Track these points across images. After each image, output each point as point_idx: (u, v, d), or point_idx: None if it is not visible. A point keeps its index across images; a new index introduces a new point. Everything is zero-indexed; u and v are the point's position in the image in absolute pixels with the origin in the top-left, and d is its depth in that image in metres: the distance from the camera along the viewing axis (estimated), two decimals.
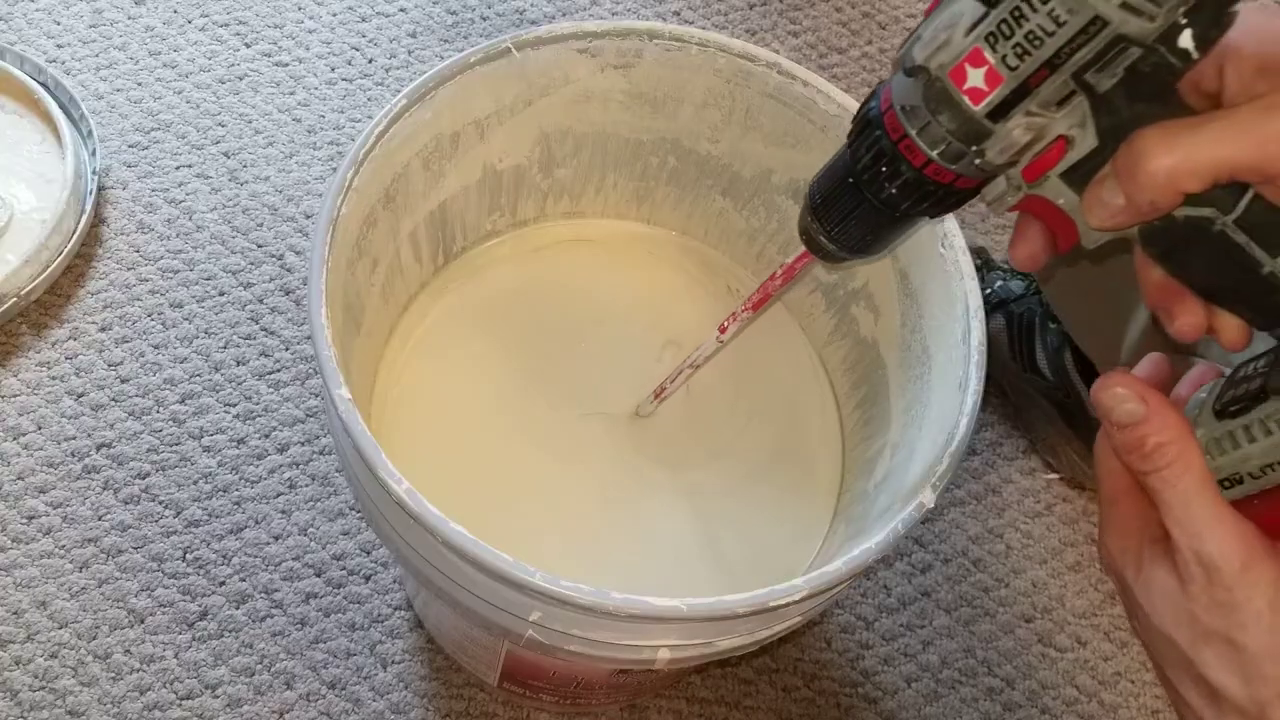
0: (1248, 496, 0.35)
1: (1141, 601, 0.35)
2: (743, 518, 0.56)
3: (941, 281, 0.51)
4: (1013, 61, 0.31)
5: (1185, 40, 0.30)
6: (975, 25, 0.32)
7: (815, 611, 0.48)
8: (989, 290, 0.82)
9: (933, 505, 0.44)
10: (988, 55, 0.32)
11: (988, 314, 0.78)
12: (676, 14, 1.00)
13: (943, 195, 0.36)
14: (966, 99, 0.33)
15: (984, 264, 0.84)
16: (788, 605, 0.42)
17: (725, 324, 0.51)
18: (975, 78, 0.32)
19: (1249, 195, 0.31)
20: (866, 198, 0.38)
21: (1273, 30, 0.31)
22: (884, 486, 0.52)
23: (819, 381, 0.61)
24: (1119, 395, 0.34)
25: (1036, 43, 0.31)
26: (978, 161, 0.34)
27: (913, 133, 0.35)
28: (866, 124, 0.37)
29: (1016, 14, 0.31)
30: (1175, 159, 0.30)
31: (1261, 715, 0.32)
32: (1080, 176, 0.33)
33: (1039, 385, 0.78)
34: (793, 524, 0.56)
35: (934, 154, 0.35)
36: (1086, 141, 0.33)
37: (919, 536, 0.77)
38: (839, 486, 0.58)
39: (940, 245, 0.51)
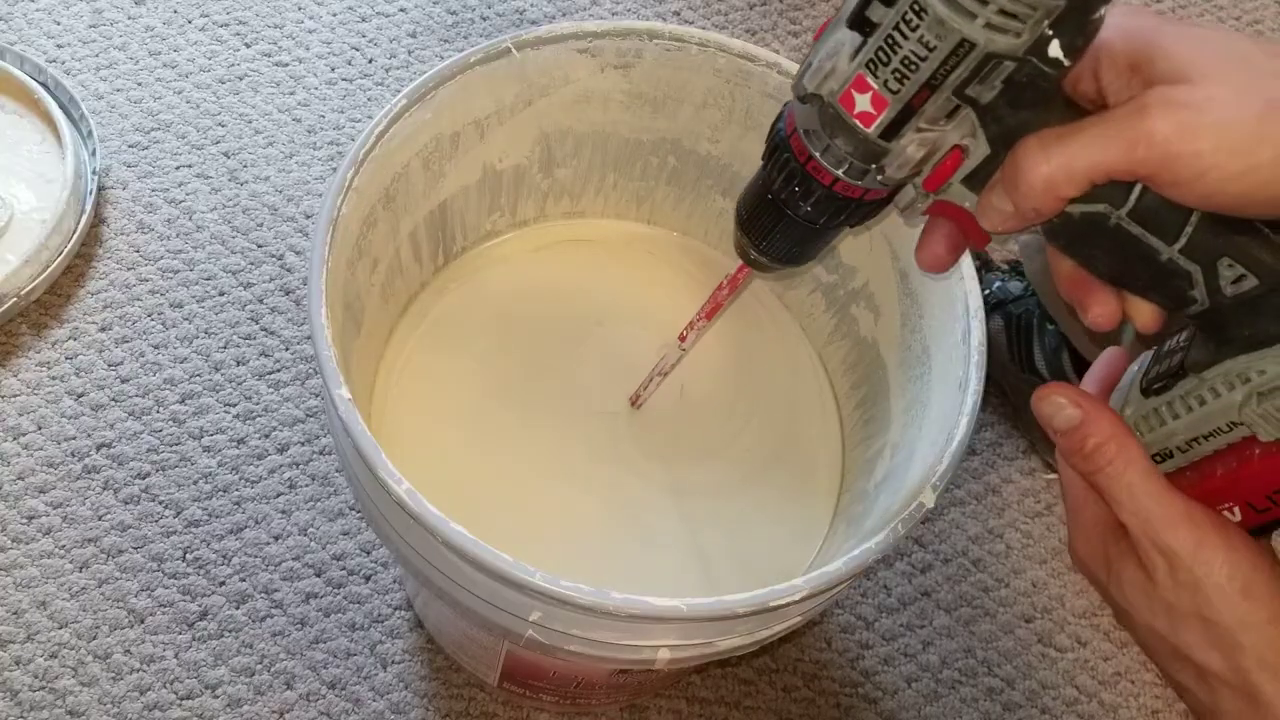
0: (1179, 469, 0.36)
1: (1118, 600, 0.36)
2: (743, 517, 0.56)
3: (941, 281, 0.51)
4: (894, 85, 0.32)
5: (1055, 50, 0.31)
6: (856, 53, 0.33)
7: (815, 611, 0.48)
8: (988, 291, 0.82)
9: (933, 505, 0.44)
10: (871, 81, 0.33)
11: (986, 314, 0.78)
12: (676, 14, 1.00)
13: (855, 208, 0.38)
14: (858, 123, 0.34)
15: (983, 264, 0.84)
16: (788, 605, 0.42)
17: (684, 333, 0.52)
18: (863, 102, 0.33)
19: (1138, 188, 0.32)
20: (787, 214, 0.39)
21: (1141, 28, 0.32)
22: (884, 486, 0.52)
23: (819, 381, 0.61)
24: (1057, 403, 0.36)
25: (913, 67, 0.32)
26: (880, 178, 0.36)
27: (817, 154, 0.36)
28: (775, 146, 0.38)
29: (890, 41, 0.32)
30: (1051, 167, 0.31)
31: (1246, 684, 0.33)
32: (980, 181, 0.35)
33: (1038, 385, 0.78)
34: (793, 524, 0.56)
35: (839, 173, 0.36)
36: (980, 149, 0.34)
37: (919, 536, 0.77)
38: (839, 486, 0.58)
39: None
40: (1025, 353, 0.79)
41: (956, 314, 0.50)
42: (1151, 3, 1.08)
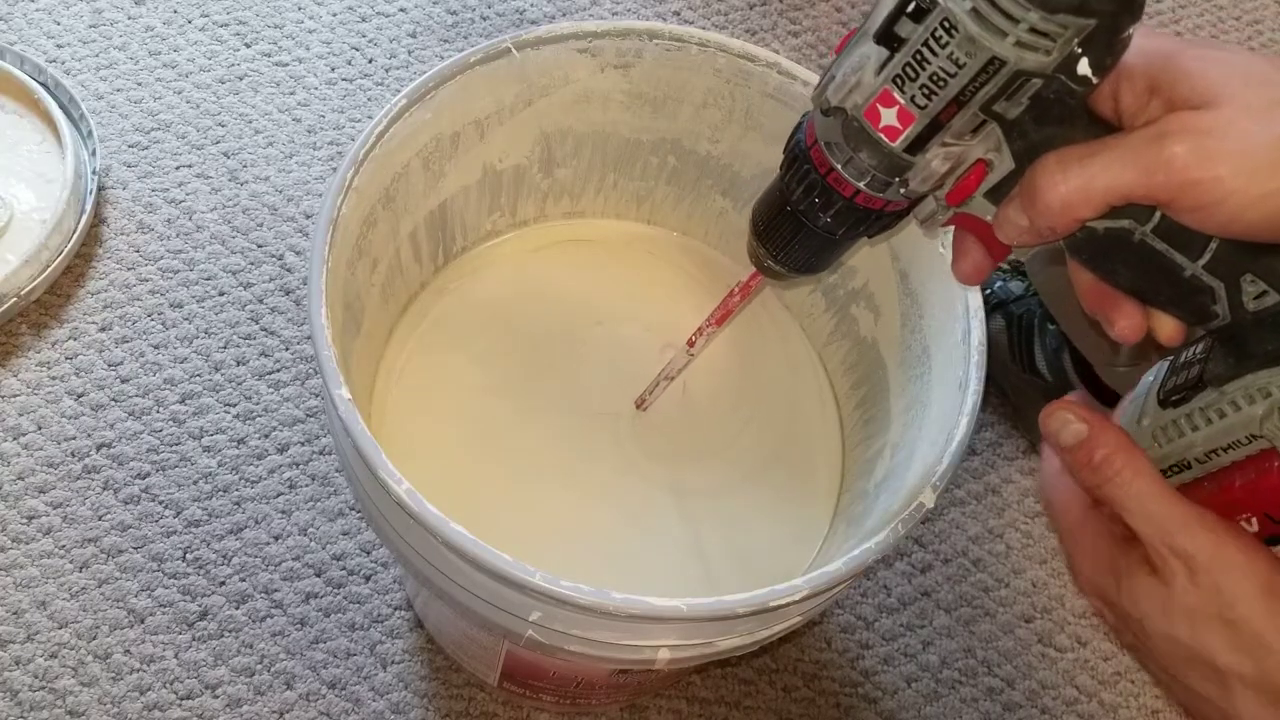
0: (1196, 480, 0.36)
1: (1132, 613, 0.36)
2: (743, 518, 0.56)
3: (941, 281, 0.51)
4: (921, 101, 0.32)
5: (1083, 68, 0.31)
6: (882, 67, 0.33)
7: (815, 611, 0.48)
8: (989, 291, 0.82)
9: (933, 505, 0.44)
10: (897, 96, 0.33)
11: (987, 315, 0.78)
12: (676, 14, 1.00)
13: (875, 219, 0.38)
14: (883, 137, 0.34)
15: None
16: (788, 605, 0.42)
17: (693, 338, 0.52)
18: (888, 117, 0.33)
19: None
20: (805, 224, 0.39)
21: (1161, 50, 0.32)
22: (884, 486, 0.52)
23: (819, 381, 0.61)
24: (1063, 419, 0.36)
25: (941, 83, 0.32)
26: (903, 190, 0.36)
27: (839, 167, 0.36)
28: (795, 157, 0.38)
29: (918, 57, 0.32)
30: (1069, 188, 0.31)
31: (1272, 685, 0.33)
32: (1003, 195, 0.35)
33: (1039, 386, 0.78)
34: (793, 524, 0.56)
35: (861, 185, 0.36)
36: (1004, 164, 0.34)
37: (919, 536, 0.77)
38: (839, 486, 0.58)
39: (940, 245, 0.52)
40: (1026, 353, 0.79)
41: (956, 314, 0.50)
42: (1151, 1, 1.08)
